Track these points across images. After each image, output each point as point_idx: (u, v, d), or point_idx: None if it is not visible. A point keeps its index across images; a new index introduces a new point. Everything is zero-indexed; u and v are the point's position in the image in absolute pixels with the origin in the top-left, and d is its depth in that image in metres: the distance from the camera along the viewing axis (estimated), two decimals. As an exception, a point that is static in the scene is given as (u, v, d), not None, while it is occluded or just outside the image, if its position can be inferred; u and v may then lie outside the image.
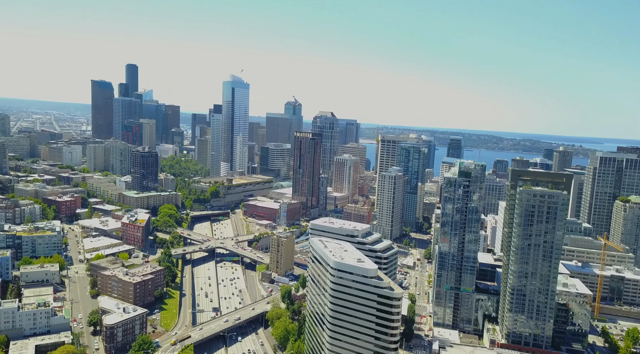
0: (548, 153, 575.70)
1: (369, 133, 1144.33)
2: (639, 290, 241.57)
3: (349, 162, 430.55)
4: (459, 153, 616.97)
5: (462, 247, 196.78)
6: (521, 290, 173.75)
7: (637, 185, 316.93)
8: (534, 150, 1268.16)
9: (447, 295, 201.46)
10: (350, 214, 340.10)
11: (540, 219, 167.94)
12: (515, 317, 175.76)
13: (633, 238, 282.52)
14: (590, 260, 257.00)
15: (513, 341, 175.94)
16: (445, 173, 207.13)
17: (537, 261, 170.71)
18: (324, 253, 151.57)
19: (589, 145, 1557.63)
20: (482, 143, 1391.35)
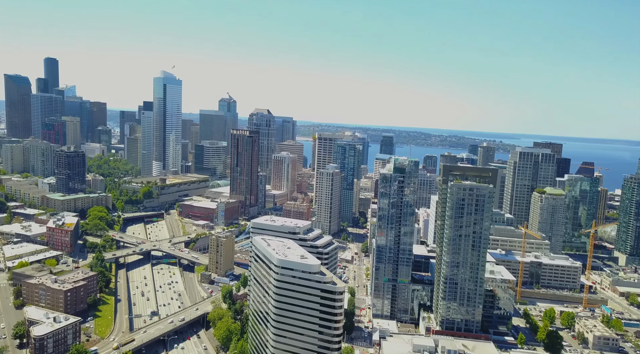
0: (473, 148, 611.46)
1: (305, 131, 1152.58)
2: (554, 274, 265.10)
3: (287, 159, 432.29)
4: (391, 149, 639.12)
5: (398, 240, 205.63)
6: (453, 278, 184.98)
7: (552, 178, 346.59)
8: (459, 146, 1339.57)
9: (384, 286, 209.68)
10: (289, 211, 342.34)
11: (470, 211, 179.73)
12: (448, 305, 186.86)
13: (548, 226, 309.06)
14: (513, 247, 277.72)
15: (447, 328, 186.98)
16: (380, 170, 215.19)
17: (467, 251, 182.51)
18: (267, 251, 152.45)
19: (508, 140, 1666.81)
20: (411, 139, 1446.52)
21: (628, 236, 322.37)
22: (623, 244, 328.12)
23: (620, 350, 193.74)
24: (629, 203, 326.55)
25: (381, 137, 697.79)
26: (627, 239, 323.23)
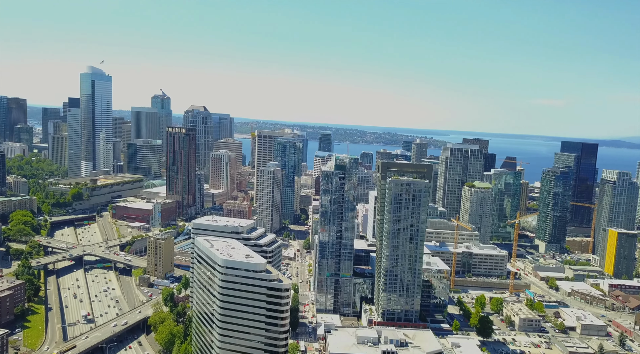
0: (407, 145, 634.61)
1: (243, 128, 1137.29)
2: (483, 263, 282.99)
3: (225, 157, 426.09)
4: (330, 147, 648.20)
5: (340, 235, 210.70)
6: (393, 271, 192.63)
7: (480, 172, 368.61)
8: (393, 143, 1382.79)
9: (328, 281, 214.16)
10: (230, 210, 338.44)
11: (407, 205, 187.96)
12: (389, 296, 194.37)
13: (478, 218, 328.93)
14: (446, 239, 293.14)
15: (388, 319, 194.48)
16: (322, 167, 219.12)
17: (405, 244, 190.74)
18: (210, 251, 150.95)
19: (438, 137, 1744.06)
20: (348, 137, 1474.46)
21: (547, 225, 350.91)
22: (542, 232, 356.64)
23: (542, 330, 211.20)
24: (547, 195, 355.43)
25: (319, 134, 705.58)
26: (546, 228, 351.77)
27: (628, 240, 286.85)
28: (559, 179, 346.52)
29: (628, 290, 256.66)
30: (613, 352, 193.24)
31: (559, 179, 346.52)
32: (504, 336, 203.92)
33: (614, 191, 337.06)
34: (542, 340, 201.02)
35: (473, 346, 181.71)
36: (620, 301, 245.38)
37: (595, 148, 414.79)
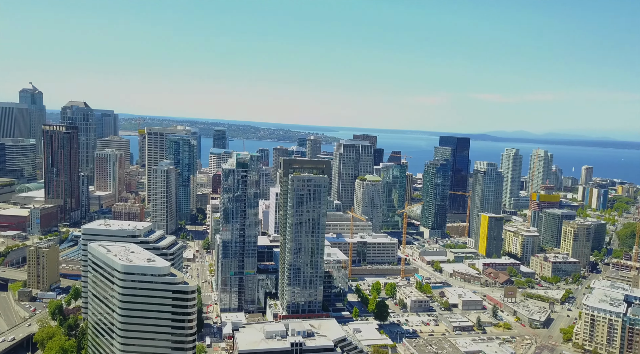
0: (301, 141, 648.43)
1: (128, 125, 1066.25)
2: (376, 251, 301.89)
3: (112, 156, 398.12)
4: (224, 143, 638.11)
5: (243, 233, 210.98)
6: (296, 264, 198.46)
7: (370, 166, 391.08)
8: (287, 139, 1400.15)
9: (231, 280, 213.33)
10: (120, 213, 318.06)
11: (308, 200, 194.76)
12: (293, 290, 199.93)
13: (370, 209, 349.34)
14: (342, 230, 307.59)
15: (292, 311, 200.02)
16: (223, 165, 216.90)
17: (307, 238, 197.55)
18: (107, 258, 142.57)
19: (329, 132, 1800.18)
20: (242, 133, 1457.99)
21: (430, 213, 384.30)
22: (426, 220, 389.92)
23: (430, 309, 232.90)
24: (430, 185, 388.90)
25: (213, 130, 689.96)
26: (429, 216, 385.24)
27: (497, 223, 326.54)
28: (439, 171, 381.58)
29: (498, 267, 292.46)
30: (487, 322, 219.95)
31: (439, 171, 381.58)
32: (398, 317, 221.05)
33: (484, 181, 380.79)
34: (431, 318, 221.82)
35: (372, 329, 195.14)
36: (492, 278, 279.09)
37: (467, 142, 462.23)
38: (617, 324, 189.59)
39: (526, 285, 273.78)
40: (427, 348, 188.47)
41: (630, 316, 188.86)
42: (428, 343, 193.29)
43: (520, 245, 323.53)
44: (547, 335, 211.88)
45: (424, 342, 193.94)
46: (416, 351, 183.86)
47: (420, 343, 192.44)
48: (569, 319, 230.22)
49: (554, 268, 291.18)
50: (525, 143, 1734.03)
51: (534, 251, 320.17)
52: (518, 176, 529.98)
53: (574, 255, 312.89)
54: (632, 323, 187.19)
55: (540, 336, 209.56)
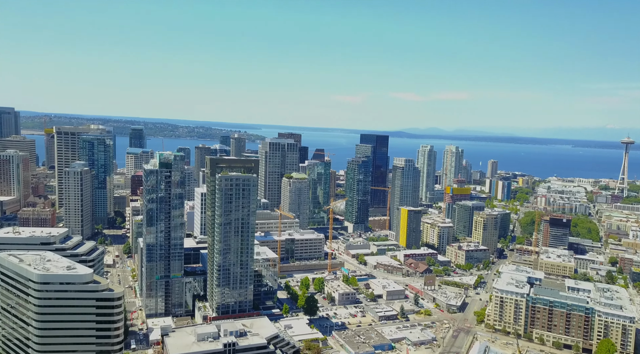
0: (224, 139, 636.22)
1: (31, 123, 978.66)
2: (304, 248, 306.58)
3: (15, 158, 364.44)
4: (142, 142, 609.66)
5: (169, 235, 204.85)
6: (226, 265, 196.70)
7: (296, 164, 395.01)
8: (208, 137, 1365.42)
9: (157, 284, 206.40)
10: (27, 219, 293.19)
11: (237, 200, 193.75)
12: (223, 291, 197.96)
13: (297, 206, 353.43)
14: (270, 229, 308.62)
15: (223, 312, 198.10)
16: (145, 166, 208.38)
17: (237, 238, 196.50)
18: (20, 268, 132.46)
19: (252, 130, 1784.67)
20: (159, 131, 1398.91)
21: (353, 208, 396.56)
22: (350, 215, 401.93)
23: (357, 301, 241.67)
24: (352, 182, 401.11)
25: (128, 129, 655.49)
26: (353, 211, 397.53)
27: (415, 216, 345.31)
28: (361, 167, 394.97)
29: (417, 257, 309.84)
30: (410, 310, 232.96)
31: (361, 167, 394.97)
32: (327, 311, 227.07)
33: (403, 176, 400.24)
34: (358, 310, 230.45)
35: (303, 324, 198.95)
36: (413, 268, 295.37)
37: (386, 139, 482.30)
38: (522, 304, 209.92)
39: (443, 273, 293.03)
40: (356, 338, 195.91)
41: (532, 295, 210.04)
42: (356, 333, 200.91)
43: (437, 235, 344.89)
44: (463, 318, 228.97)
45: (353, 333, 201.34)
46: (345, 343, 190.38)
47: (349, 334, 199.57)
48: (481, 302, 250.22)
49: (467, 256, 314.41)
50: (437, 140, 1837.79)
51: (449, 241, 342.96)
52: (433, 171, 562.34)
53: (484, 242, 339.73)
54: (534, 301, 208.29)
55: (457, 320, 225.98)
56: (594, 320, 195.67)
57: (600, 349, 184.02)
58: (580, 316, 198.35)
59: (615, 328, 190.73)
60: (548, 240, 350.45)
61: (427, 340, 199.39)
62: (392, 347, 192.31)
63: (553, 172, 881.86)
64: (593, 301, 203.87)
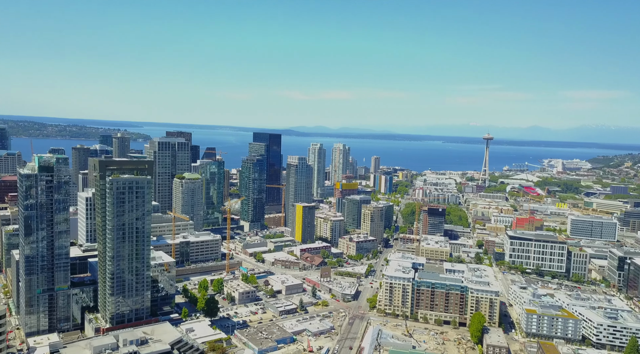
0: (105, 139, 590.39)
1: None
2: (200, 249, 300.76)
3: None
4: (5, 143, 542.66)
5: (52, 245, 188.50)
6: (120, 272, 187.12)
7: (188, 164, 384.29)
8: (82, 136, 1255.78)
9: (39, 299, 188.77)
10: None
11: (131, 203, 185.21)
12: (117, 299, 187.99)
13: (190, 207, 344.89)
14: (163, 232, 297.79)
15: (118, 322, 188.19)
16: (20, 170, 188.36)
17: (131, 243, 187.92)
18: None
19: (132, 129, 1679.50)
20: (23, 130, 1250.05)
21: (249, 207, 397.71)
22: (246, 214, 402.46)
23: (257, 298, 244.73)
24: (248, 180, 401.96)
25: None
26: (249, 210, 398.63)
27: (310, 212, 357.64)
28: (256, 166, 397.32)
29: (312, 251, 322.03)
30: (309, 302, 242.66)
31: (256, 166, 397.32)
32: (228, 311, 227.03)
33: (297, 173, 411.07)
34: (258, 307, 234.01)
35: (205, 326, 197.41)
36: (309, 261, 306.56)
37: (279, 137, 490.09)
38: (408, 288, 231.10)
39: (337, 264, 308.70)
40: (258, 335, 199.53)
41: (417, 279, 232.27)
42: (258, 330, 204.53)
43: (329, 229, 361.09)
44: (357, 306, 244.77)
45: (255, 330, 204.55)
46: (248, 340, 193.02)
47: (251, 332, 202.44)
48: (372, 289, 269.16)
49: (358, 247, 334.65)
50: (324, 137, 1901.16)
51: (341, 233, 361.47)
52: (323, 167, 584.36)
53: (372, 233, 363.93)
54: (418, 285, 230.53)
55: (352, 308, 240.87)
56: (467, 297, 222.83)
57: (473, 321, 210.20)
58: (456, 294, 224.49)
59: (484, 302, 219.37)
60: (427, 228, 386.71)
61: (326, 329, 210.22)
62: (294, 339, 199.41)
63: (428, 166, 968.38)
64: (466, 280, 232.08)
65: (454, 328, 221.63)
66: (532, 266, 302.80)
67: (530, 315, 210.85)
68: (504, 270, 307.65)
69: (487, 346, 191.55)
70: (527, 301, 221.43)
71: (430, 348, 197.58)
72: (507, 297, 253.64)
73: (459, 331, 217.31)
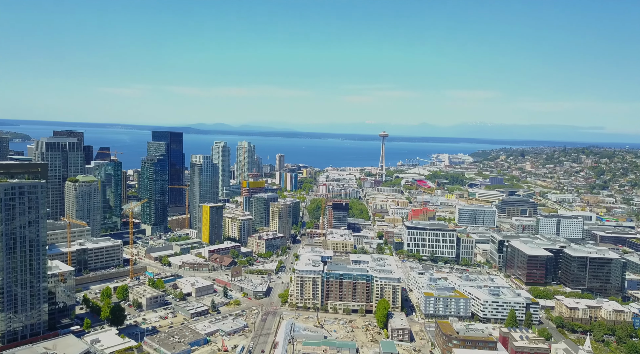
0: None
1: None
2: (99, 256, 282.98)
3: None
4: None
5: None
6: (10, 286, 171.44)
7: (81, 166, 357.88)
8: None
9: None
10: None
11: (23, 211, 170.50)
12: (8, 316, 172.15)
13: (86, 212, 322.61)
14: (56, 240, 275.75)
15: (10, 340, 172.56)
16: None
17: (24, 254, 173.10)
18: None
19: (6, 127, 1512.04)
20: None
21: (150, 209, 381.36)
22: (148, 217, 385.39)
23: (166, 303, 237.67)
24: (148, 182, 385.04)
25: None
26: (150, 212, 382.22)
27: (217, 212, 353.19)
28: (157, 166, 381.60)
29: (221, 251, 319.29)
30: (220, 303, 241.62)
31: (157, 166, 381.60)
32: (135, 318, 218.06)
33: (202, 173, 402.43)
34: (168, 311, 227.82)
35: (112, 336, 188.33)
36: (218, 262, 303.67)
37: (180, 136, 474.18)
38: (318, 280, 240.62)
39: (247, 263, 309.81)
40: (170, 339, 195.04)
41: (326, 272, 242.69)
42: (170, 334, 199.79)
43: (238, 228, 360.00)
44: (269, 302, 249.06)
45: (166, 335, 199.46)
46: (160, 345, 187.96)
47: (163, 337, 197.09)
48: (283, 285, 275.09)
49: (267, 244, 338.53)
50: (225, 135, 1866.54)
51: (250, 232, 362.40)
52: (228, 166, 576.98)
53: (280, 230, 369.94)
54: (327, 277, 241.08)
55: (264, 305, 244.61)
56: (372, 285, 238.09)
57: (378, 308, 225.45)
58: (363, 283, 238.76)
59: (388, 289, 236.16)
60: (332, 222, 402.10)
61: (239, 328, 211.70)
62: (208, 341, 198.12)
63: (329, 163, 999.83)
64: (371, 270, 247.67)
65: (362, 315, 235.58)
66: (428, 253, 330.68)
67: (428, 298, 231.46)
68: (403, 258, 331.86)
69: (392, 329, 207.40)
70: (425, 286, 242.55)
71: (340, 337, 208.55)
72: (407, 283, 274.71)
73: (366, 319, 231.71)
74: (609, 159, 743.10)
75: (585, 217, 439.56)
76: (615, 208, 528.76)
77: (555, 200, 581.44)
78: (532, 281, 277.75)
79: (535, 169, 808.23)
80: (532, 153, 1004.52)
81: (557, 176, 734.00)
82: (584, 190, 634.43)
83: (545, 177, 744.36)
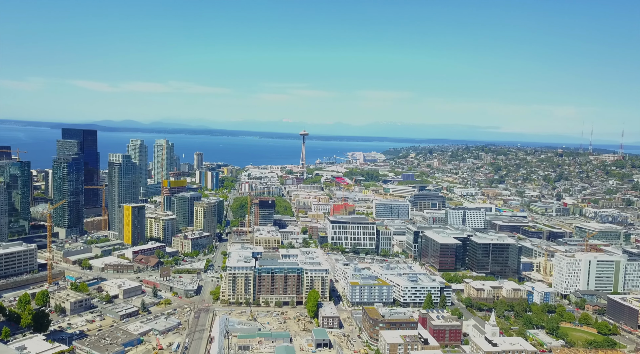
0: None
1: None
2: (10, 262, 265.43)
3: None
4: None
5: None
6: None
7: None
8: None
9: None
10: None
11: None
12: None
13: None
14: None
15: None
16: None
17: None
18: None
19: None
20: None
21: (65, 211, 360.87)
22: (61, 219, 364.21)
23: (92, 306, 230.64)
24: (62, 182, 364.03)
25: None
26: (64, 214, 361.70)
27: (139, 212, 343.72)
28: (71, 166, 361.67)
29: (146, 252, 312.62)
30: (151, 303, 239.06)
31: (71, 166, 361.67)
32: (60, 324, 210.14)
33: (121, 172, 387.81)
34: (95, 315, 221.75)
35: (40, 342, 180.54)
36: (144, 263, 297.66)
37: (94, 133, 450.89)
38: (251, 275, 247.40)
39: (174, 263, 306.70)
40: (102, 341, 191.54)
41: (258, 267, 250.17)
42: (100, 337, 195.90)
43: (161, 228, 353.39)
44: (201, 300, 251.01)
45: (96, 338, 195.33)
46: (91, 348, 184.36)
47: (93, 340, 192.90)
48: (213, 283, 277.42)
49: (193, 244, 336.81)
50: (134, 133, 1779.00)
51: (174, 232, 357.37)
52: (145, 165, 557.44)
53: (205, 229, 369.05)
54: (259, 272, 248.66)
55: (195, 302, 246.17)
56: (303, 278, 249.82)
57: (309, 299, 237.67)
58: (294, 276, 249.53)
59: (317, 280, 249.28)
60: (258, 219, 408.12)
61: (173, 326, 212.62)
62: (142, 341, 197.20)
63: (249, 161, 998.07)
64: (301, 262, 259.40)
65: (293, 307, 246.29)
66: (350, 245, 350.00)
67: (354, 287, 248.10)
68: (328, 251, 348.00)
69: (323, 318, 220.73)
70: (350, 275, 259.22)
71: (274, 328, 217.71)
72: (333, 274, 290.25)
73: (297, 310, 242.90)
74: (504, 156, 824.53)
75: (487, 209, 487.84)
76: (511, 200, 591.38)
77: (460, 194, 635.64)
78: (444, 268, 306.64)
79: (442, 166, 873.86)
80: (438, 150, 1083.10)
81: (462, 172, 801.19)
82: (484, 184, 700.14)
83: (451, 173, 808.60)
